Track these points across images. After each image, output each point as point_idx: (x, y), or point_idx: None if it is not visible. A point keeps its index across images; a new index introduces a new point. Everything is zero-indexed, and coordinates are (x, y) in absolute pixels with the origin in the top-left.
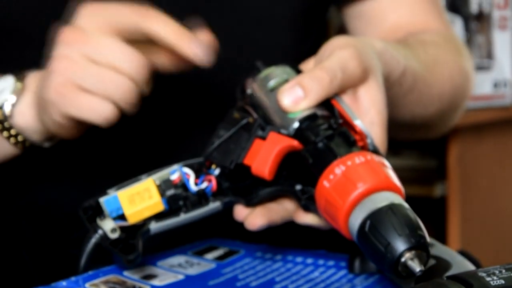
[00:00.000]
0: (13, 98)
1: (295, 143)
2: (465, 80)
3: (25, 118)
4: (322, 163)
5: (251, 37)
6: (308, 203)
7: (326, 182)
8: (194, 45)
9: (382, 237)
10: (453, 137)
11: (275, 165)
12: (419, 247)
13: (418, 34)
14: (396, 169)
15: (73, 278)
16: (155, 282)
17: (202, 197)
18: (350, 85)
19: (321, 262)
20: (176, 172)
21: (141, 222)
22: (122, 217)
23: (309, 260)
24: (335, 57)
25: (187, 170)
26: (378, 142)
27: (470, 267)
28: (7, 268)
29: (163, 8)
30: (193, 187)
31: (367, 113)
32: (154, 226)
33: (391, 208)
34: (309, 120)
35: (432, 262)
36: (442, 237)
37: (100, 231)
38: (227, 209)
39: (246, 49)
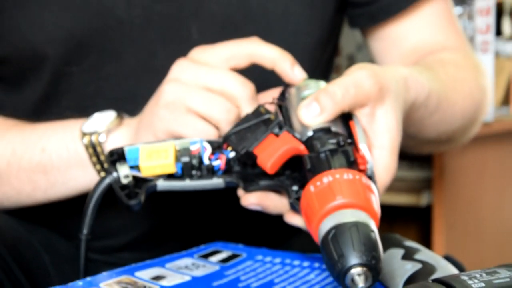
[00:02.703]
0: (110, 126)
1: (301, 147)
2: (483, 96)
3: (116, 142)
4: (316, 170)
5: None
6: (295, 203)
7: (312, 187)
8: (294, 67)
9: (339, 248)
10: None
11: (279, 161)
12: (369, 266)
13: (437, 53)
14: None
15: (88, 278)
16: (164, 282)
17: (209, 171)
18: (366, 102)
19: (316, 265)
20: (196, 144)
21: (152, 177)
22: (137, 167)
23: (306, 263)
24: (350, 75)
25: (206, 144)
26: (385, 165)
27: (454, 270)
28: (30, 270)
29: (193, 42)
30: (206, 160)
31: (380, 137)
32: (160, 184)
33: (357, 225)
34: (322, 132)
35: (418, 266)
36: (428, 243)
37: (115, 174)
38: (232, 215)
39: (270, 74)
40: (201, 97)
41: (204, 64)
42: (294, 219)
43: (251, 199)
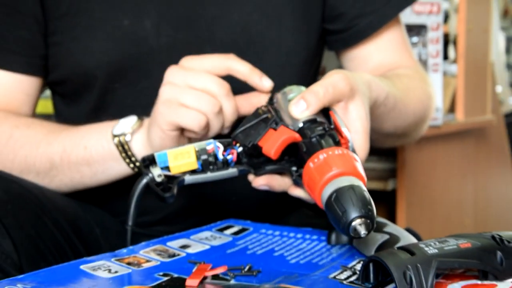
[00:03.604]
0: (133, 127)
1: (296, 135)
2: (429, 101)
3: (139, 145)
4: (312, 151)
5: (269, 77)
6: (297, 179)
7: (311, 164)
8: (262, 78)
9: (342, 206)
10: (401, 147)
11: (280, 148)
12: (367, 217)
13: (395, 69)
14: None
15: (131, 247)
16: (189, 250)
17: (225, 164)
18: (341, 98)
19: (307, 236)
20: (211, 144)
21: (179, 174)
22: (167, 168)
23: (299, 235)
24: (328, 78)
25: (218, 144)
26: (360, 146)
27: (413, 240)
28: (86, 240)
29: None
30: (220, 156)
31: (354, 124)
32: (187, 178)
33: (352, 187)
34: (309, 123)
35: (386, 237)
36: (393, 219)
37: (150, 175)
38: (241, 198)
39: None
40: (189, 94)
41: (191, 69)
42: (296, 191)
43: (260, 181)
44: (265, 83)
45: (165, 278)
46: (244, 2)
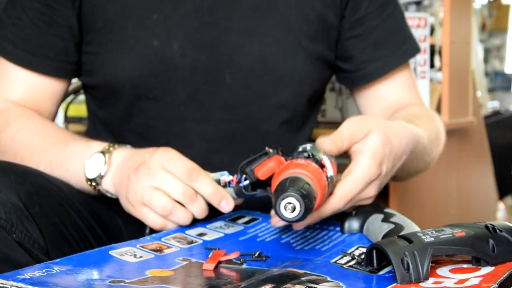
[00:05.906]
0: (102, 172)
1: (282, 159)
2: (441, 138)
3: (109, 186)
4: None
5: (282, 103)
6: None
7: (277, 170)
8: (224, 204)
9: (275, 192)
10: None
11: (267, 171)
12: (294, 197)
13: (407, 107)
14: None
15: (154, 235)
16: (205, 237)
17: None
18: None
19: (311, 225)
20: (224, 175)
21: None
22: None
23: None
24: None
25: (229, 176)
26: (365, 166)
27: (417, 228)
28: (108, 229)
29: (226, 86)
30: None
31: (364, 148)
32: None
33: (293, 179)
34: (298, 153)
35: (391, 226)
36: None
37: None
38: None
39: (276, 108)
40: (150, 197)
41: (157, 171)
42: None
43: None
44: (224, 206)
45: (184, 263)
46: (264, 35)
